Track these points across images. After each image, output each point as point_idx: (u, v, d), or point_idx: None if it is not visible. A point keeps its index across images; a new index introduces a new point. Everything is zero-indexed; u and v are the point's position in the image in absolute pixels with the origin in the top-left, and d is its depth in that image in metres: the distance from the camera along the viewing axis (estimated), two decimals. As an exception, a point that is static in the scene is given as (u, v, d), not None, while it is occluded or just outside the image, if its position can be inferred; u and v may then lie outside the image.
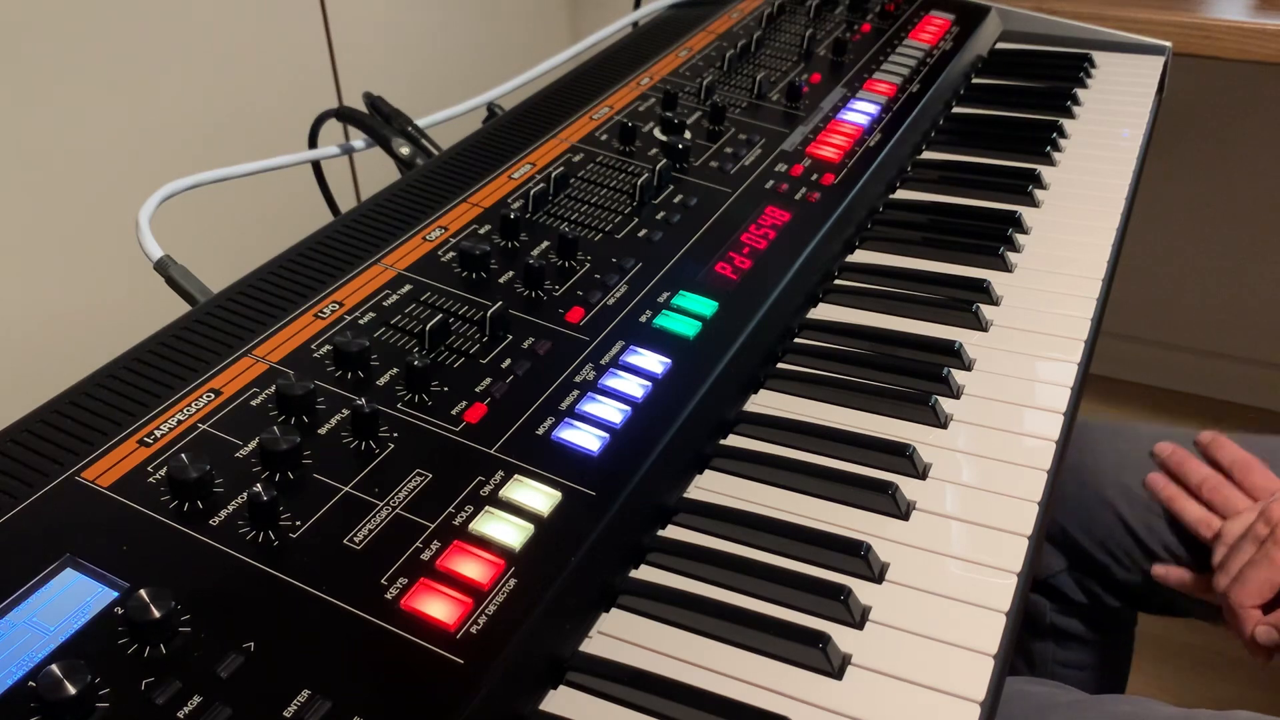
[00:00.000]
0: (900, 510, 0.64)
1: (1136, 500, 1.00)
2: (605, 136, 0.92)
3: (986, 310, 0.82)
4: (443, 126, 1.00)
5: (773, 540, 0.62)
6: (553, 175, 0.84)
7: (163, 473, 0.56)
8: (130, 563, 0.52)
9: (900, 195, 1.00)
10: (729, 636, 0.56)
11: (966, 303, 0.82)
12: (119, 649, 0.48)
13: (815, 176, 0.91)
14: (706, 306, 0.75)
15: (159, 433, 0.59)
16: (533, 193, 0.82)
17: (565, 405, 0.65)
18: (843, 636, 0.56)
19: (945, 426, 0.71)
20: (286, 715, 0.46)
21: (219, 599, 0.51)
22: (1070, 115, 1.13)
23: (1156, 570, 0.98)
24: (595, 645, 0.56)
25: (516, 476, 0.59)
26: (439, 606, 0.52)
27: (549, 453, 0.61)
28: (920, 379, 0.74)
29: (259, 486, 0.54)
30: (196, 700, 0.46)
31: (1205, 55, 1.35)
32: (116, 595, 0.50)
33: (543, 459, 0.61)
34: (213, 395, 0.62)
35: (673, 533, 0.64)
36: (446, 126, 1.00)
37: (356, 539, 0.55)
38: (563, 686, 0.54)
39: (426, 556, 0.54)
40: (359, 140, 0.97)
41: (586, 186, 0.85)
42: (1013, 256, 0.89)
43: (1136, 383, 2.14)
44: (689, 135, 0.94)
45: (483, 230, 0.79)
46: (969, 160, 1.05)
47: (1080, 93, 1.17)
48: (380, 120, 0.97)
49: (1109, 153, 1.07)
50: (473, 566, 0.54)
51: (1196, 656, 1.61)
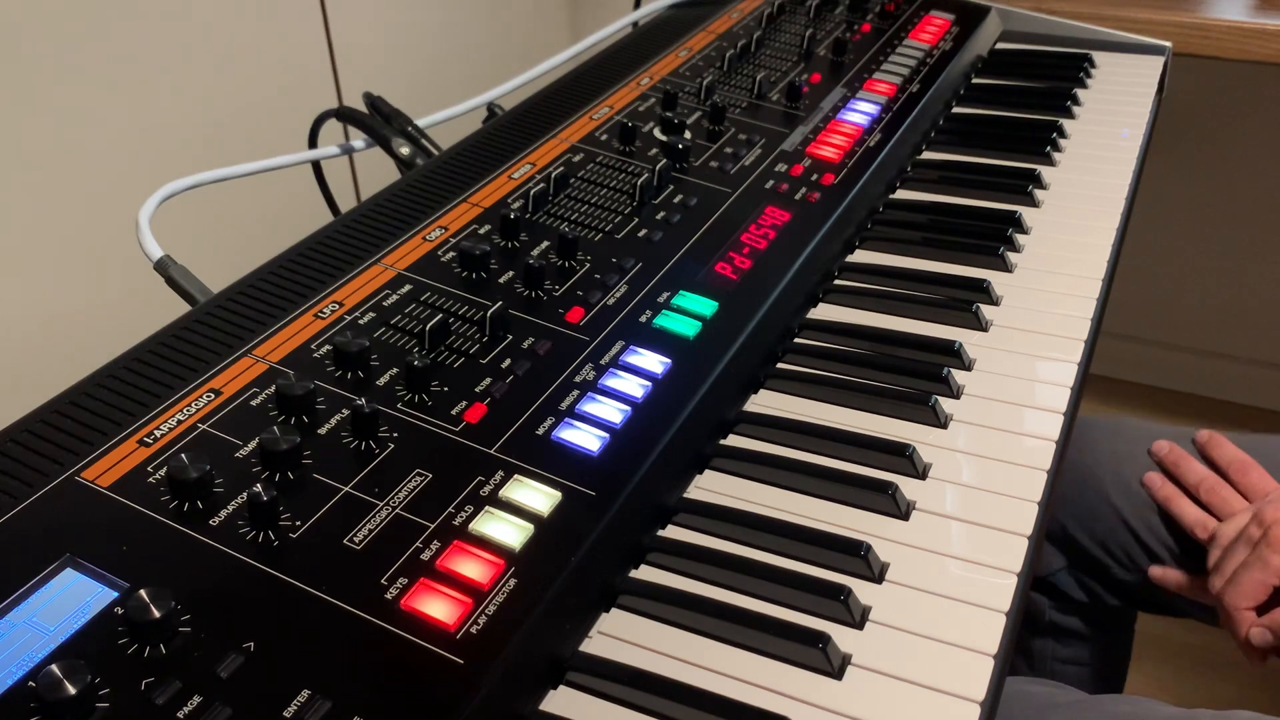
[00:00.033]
0: (900, 510, 0.64)
1: (1136, 498, 1.00)
2: (605, 136, 0.92)
3: (986, 310, 0.82)
4: (443, 126, 1.00)
5: (773, 540, 0.62)
6: (553, 175, 0.84)
7: (163, 473, 0.57)
8: (130, 563, 0.52)
9: (900, 195, 1.00)
10: (729, 636, 0.56)
11: (966, 303, 0.82)
12: (119, 649, 0.48)
13: (815, 176, 0.91)
14: (706, 306, 0.75)
15: (159, 433, 0.59)
16: (533, 193, 0.82)
17: (565, 405, 0.65)
18: (843, 636, 0.56)
19: (945, 426, 0.71)
20: (286, 715, 0.46)
21: (219, 599, 0.51)
22: (1070, 115, 1.13)
23: (1154, 572, 0.98)
24: (595, 645, 0.57)
25: (516, 476, 0.59)
26: (439, 606, 0.52)
27: (549, 453, 0.62)
28: (920, 379, 0.74)
29: (259, 486, 0.54)
30: (196, 700, 0.46)
31: (1205, 55, 1.35)
32: (116, 595, 0.51)
33: (543, 459, 0.61)
34: (213, 395, 0.62)
35: (673, 533, 0.64)
36: (446, 126, 1.00)
37: (356, 539, 0.55)
38: (563, 686, 0.54)
39: (426, 556, 0.54)
40: (359, 140, 0.97)
41: (586, 186, 0.85)
42: (1013, 256, 0.89)
43: (1136, 383, 2.14)
44: (689, 135, 0.94)
45: (483, 230, 0.79)
46: (969, 160, 1.05)
47: (1080, 93, 1.17)
48: (380, 120, 0.97)
49: (1109, 153, 1.07)
50: (473, 566, 0.54)
51: (1196, 656, 1.61)
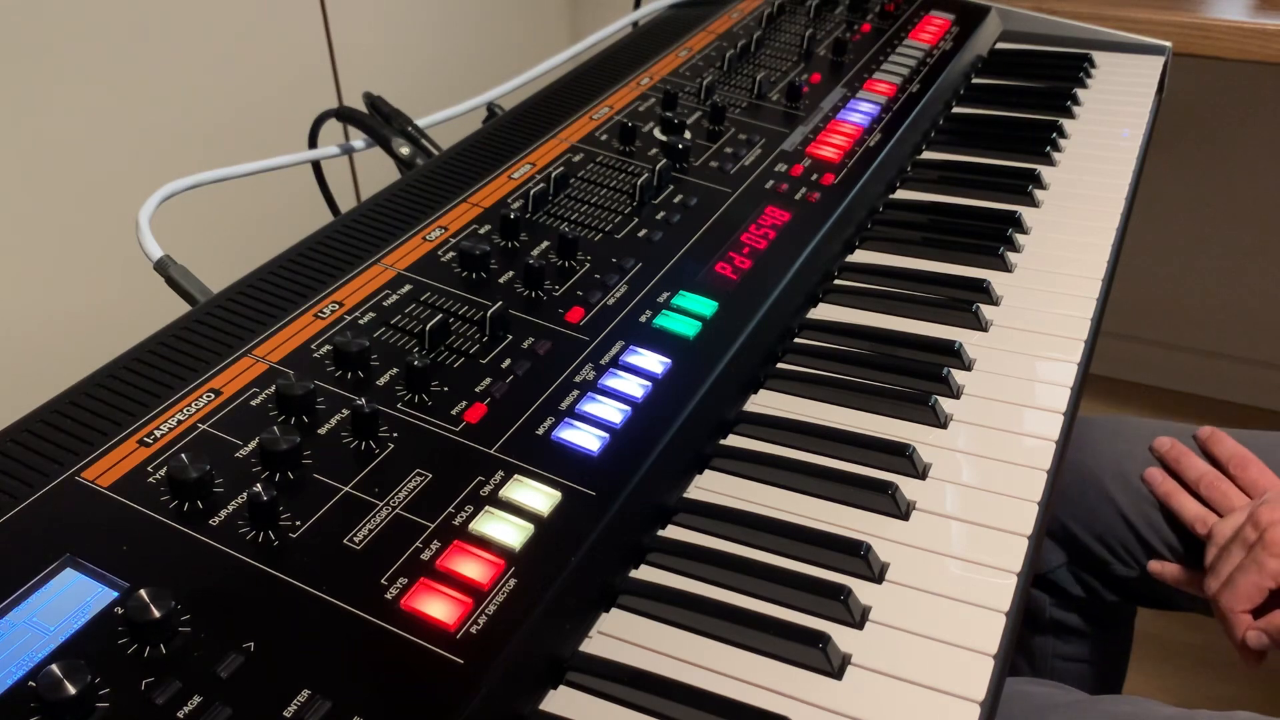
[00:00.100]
0: (900, 510, 0.64)
1: (1136, 494, 1.00)
2: (605, 136, 0.92)
3: (986, 310, 0.82)
4: (443, 126, 1.00)
5: (773, 540, 0.62)
6: (553, 175, 0.84)
7: (163, 473, 0.56)
8: (130, 563, 0.52)
9: (900, 195, 1.00)
10: (729, 636, 0.56)
11: (966, 303, 0.82)
12: (119, 649, 0.48)
13: (815, 176, 0.91)
14: (706, 306, 0.75)
15: (159, 433, 0.59)
16: (533, 193, 0.82)
17: (565, 405, 0.65)
18: (843, 636, 0.56)
19: (945, 426, 0.71)
20: (286, 715, 0.46)
21: (219, 599, 0.51)
22: (1070, 115, 1.13)
23: (1153, 566, 0.98)
24: (595, 645, 0.57)
25: (516, 476, 0.59)
26: (439, 606, 0.52)
27: (549, 453, 0.61)
28: (920, 379, 0.74)
29: (259, 486, 0.54)
30: (196, 700, 0.46)
31: (1205, 55, 1.35)
32: (116, 595, 0.51)
33: (543, 459, 0.61)
34: (213, 395, 0.62)
35: (673, 533, 0.64)
36: (446, 126, 1.00)
37: (356, 539, 0.55)
38: (563, 686, 0.54)
39: (426, 556, 0.54)
40: (359, 140, 0.97)
41: (586, 186, 0.85)
42: (1013, 256, 0.89)
43: (1136, 383, 2.14)
44: (689, 135, 0.94)
45: (483, 230, 0.79)
46: (969, 160, 1.05)
47: (1080, 93, 1.17)
48: (380, 120, 0.97)
49: (1109, 153, 1.07)
50: (473, 566, 0.54)
51: (1196, 656, 1.61)
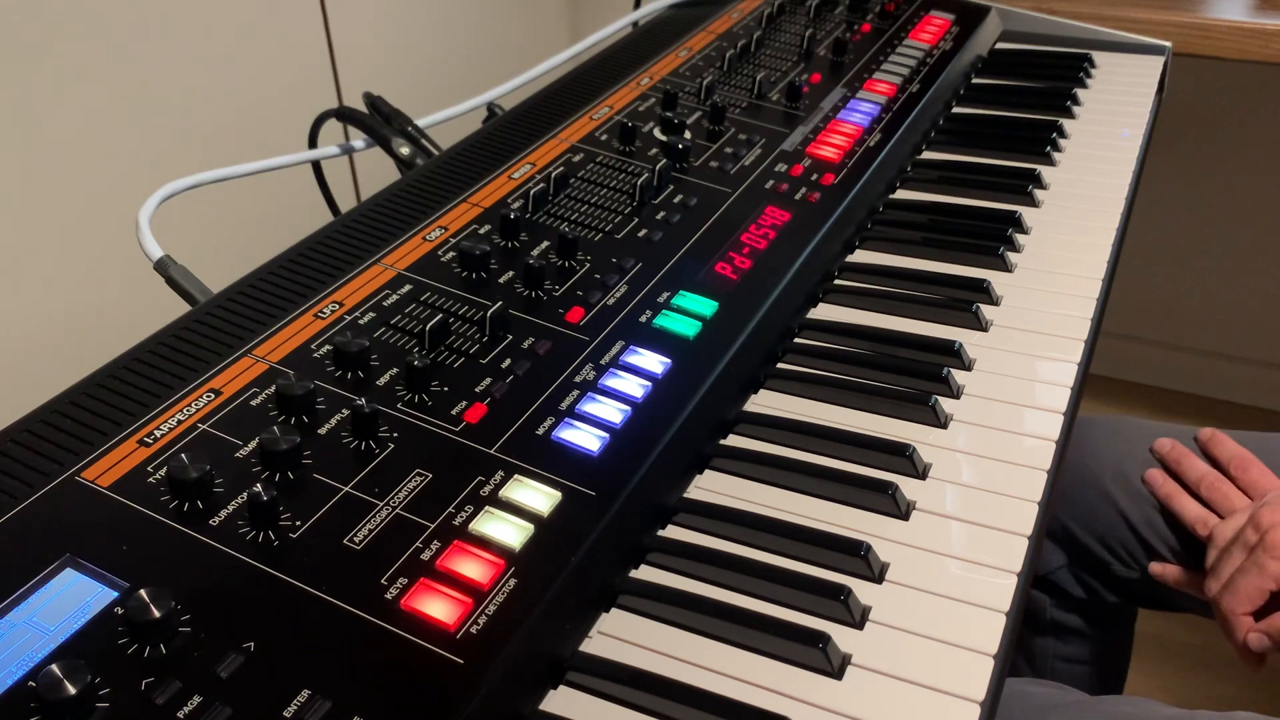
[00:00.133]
0: (900, 510, 0.64)
1: (1136, 495, 1.00)
2: (605, 136, 0.92)
3: (986, 310, 0.82)
4: (443, 126, 1.00)
5: (773, 540, 0.62)
6: (553, 175, 0.84)
7: (163, 473, 0.57)
8: (130, 563, 0.52)
9: (900, 195, 1.00)
10: (729, 636, 0.56)
11: (966, 303, 0.82)
12: (119, 649, 0.48)
13: (815, 176, 0.91)
14: (706, 306, 0.75)
15: (159, 433, 0.59)
16: (533, 193, 0.82)
17: (565, 405, 0.65)
18: (843, 636, 0.56)
19: (945, 426, 0.71)
20: (286, 715, 0.46)
21: (219, 599, 0.51)
22: (1070, 115, 1.13)
23: (1154, 568, 0.98)
24: (595, 645, 0.57)
25: (516, 476, 0.59)
26: (439, 606, 0.52)
27: (549, 453, 0.61)
28: (920, 379, 0.74)
29: (259, 486, 0.54)
30: (196, 700, 0.46)
31: (1205, 55, 1.35)
32: (116, 595, 0.51)
33: (543, 459, 0.61)
34: (213, 395, 0.62)
35: (673, 533, 0.64)
36: (446, 126, 1.00)
37: (356, 539, 0.55)
38: (563, 686, 0.54)
39: (426, 556, 0.54)
40: (359, 140, 0.97)
41: (586, 186, 0.85)
42: (1013, 256, 0.89)
43: (1136, 383, 2.14)
44: (689, 135, 0.94)
45: (483, 230, 0.79)
46: (969, 160, 1.05)
47: (1080, 93, 1.17)
48: (380, 120, 0.97)
49: (1109, 153, 1.07)
50: (473, 566, 0.54)
51: (1196, 656, 1.61)
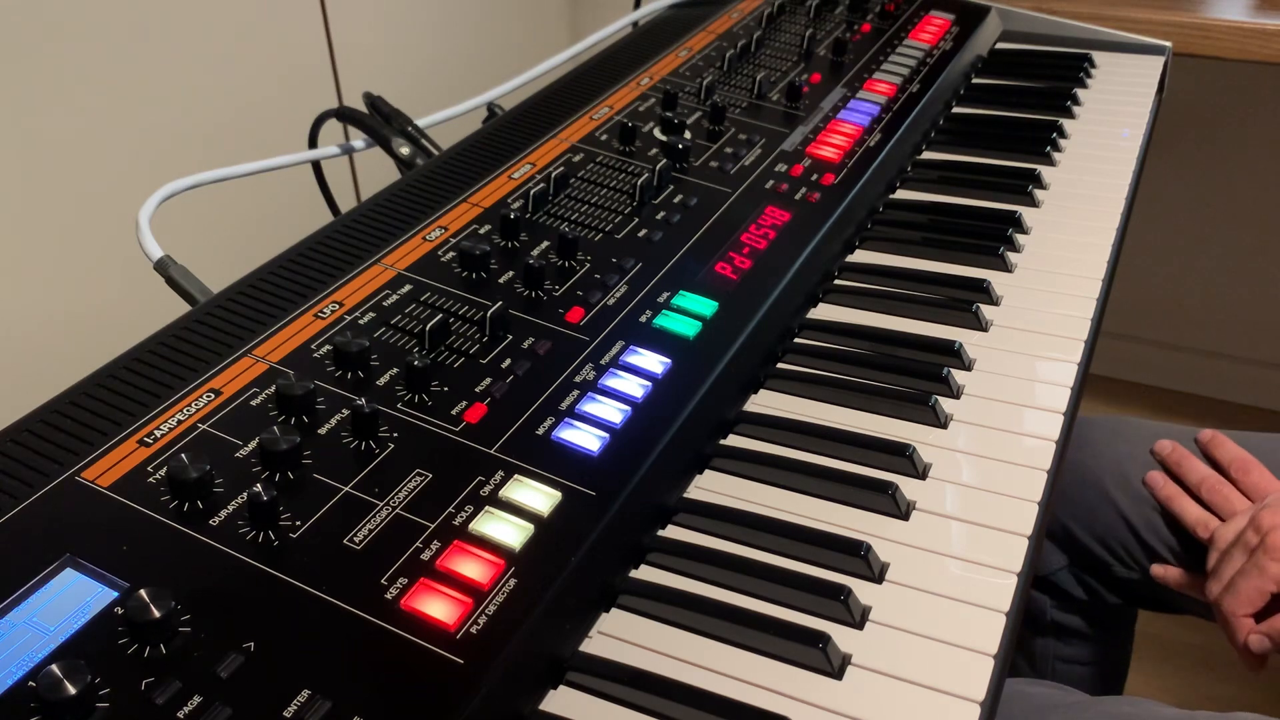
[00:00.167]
0: (900, 510, 0.64)
1: (1137, 496, 1.00)
2: (605, 136, 0.92)
3: (986, 310, 0.82)
4: (443, 126, 1.00)
5: (773, 540, 0.62)
6: (553, 175, 0.84)
7: (163, 473, 0.56)
8: (130, 563, 0.52)
9: (900, 195, 1.00)
10: (729, 636, 0.56)
11: (966, 303, 0.82)
12: (119, 649, 0.48)
13: (815, 176, 0.91)
14: (706, 306, 0.75)
15: (159, 433, 0.59)
16: (533, 193, 0.82)
17: (565, 405, 0.65)
18: (843, 636, 0.56)
19: (945, 426, 0.71)
20: (286, 715, 0.46)
21: (219, 599, 0.51)
22: (1070, 115, 1.13)
23: (1155, 570, 0.98)
24: (595, 645, 0.57)
25: (516, 476, 0.59)
26: (439, 606, 0.52)
27: (549, 453, 0.61)
28: (920, 379, 0.74)
29: (259, 486, 0.54)
30: (196, 700, 0.46)
31: (1205, 55, 1.35)
32: (116, 595, 0.51)
33: (543, 459, 0.61)
34: (213, 395, 0.62)
35: (673, 533, 0.64)
36: (446, 126, 1.00)
37: (356, 539, 0.55)
38: (563, 686, 0.54)
39: (426, 556, 0.54)
40: (359, 140, 0.97)
41: (586, 186, 0.85)
42: (1013, 256, 0.89)
43: (1136, 383, 2.14)
44: (689, 135, 0.94)
45: (483, 230, 0.79)
46: (969, 160, 1.05)
47: (1080, 93, 1.17)
48: (380, 120, 0.97)
49: (1109, 153, 1.07)
50: (473, 566, 0.54)
51: (1196, 656, 1.61)
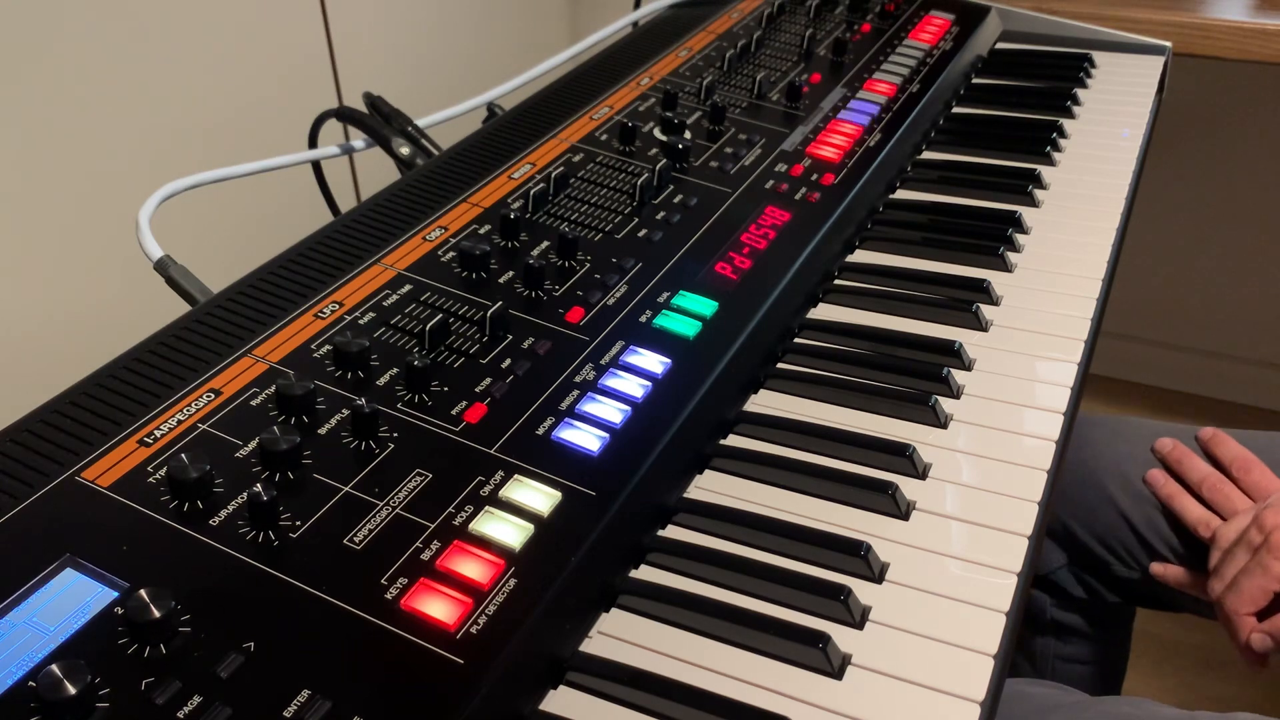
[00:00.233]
0: (900, 510, 0.64)
1: (1138, 495, 1.00)
2: (605, 136, 0.92)
3: (986, 310, 0.82)
4: (443, 126, 1.00)
5: (773, 540, 0.62)
6: (553, 175, 0.84)
7: (163, 473, 0.57)
8: (130, 563, 0.52)
9: (900, 195, 1.00)
10: (729, 636, 0.56)
11: (966, 303, 0.82)
12: (119, 649, 0.48)
13: (815, 176, 0.91)
14: (706, 306, 0.75)
15: (159, 433, 0.59)
16: (533, 193, 0.82)
17: (565, 405, 0.65)
18: (843, 636, 0.56)
19: (945, 426, 0.71)
20: (286, 715, 0.46)
21: (219, 599, 0.51)
22: (1070, 115, 1.13)
23: (1155, 568, 0.98)
24: (595, 645, 0.57)
25: (516, 476, 0.59)
26: (439, 606, 0.52)
27: (549, 453, 0.61)
28: (920, 379, 0.74)
29: (259, 486, 0.54)
30: (196, 700, 0.46)
31: (1205, 55, 1.35)
32: (116, 595, 0.51)
33: (543, 459, 0.61)
34: (213, 395, 0.62)
35: (673, 533, 0.64)
36: (446, 126, 1.00)
37: (356, 539, 0.55)
38: (563, 686, 0.54)
39: (426, 556, 0.54)
40: (359, 140, 0.97)
41: (586, 186, 0.85)
42: (1013, 256, 0.89)
43: (1136, 383, 2.14)
44: (689, 135, 0.94)
45: (483, 230, 0.79)
46: (969, 160, 1.05)
47: (1080, 93, 1.17)
48: (380, 120, 0.97)
49: (1109, 153, 1.07)
50: (473, 566, 0.54)
51: (1196, 656, 1.61)
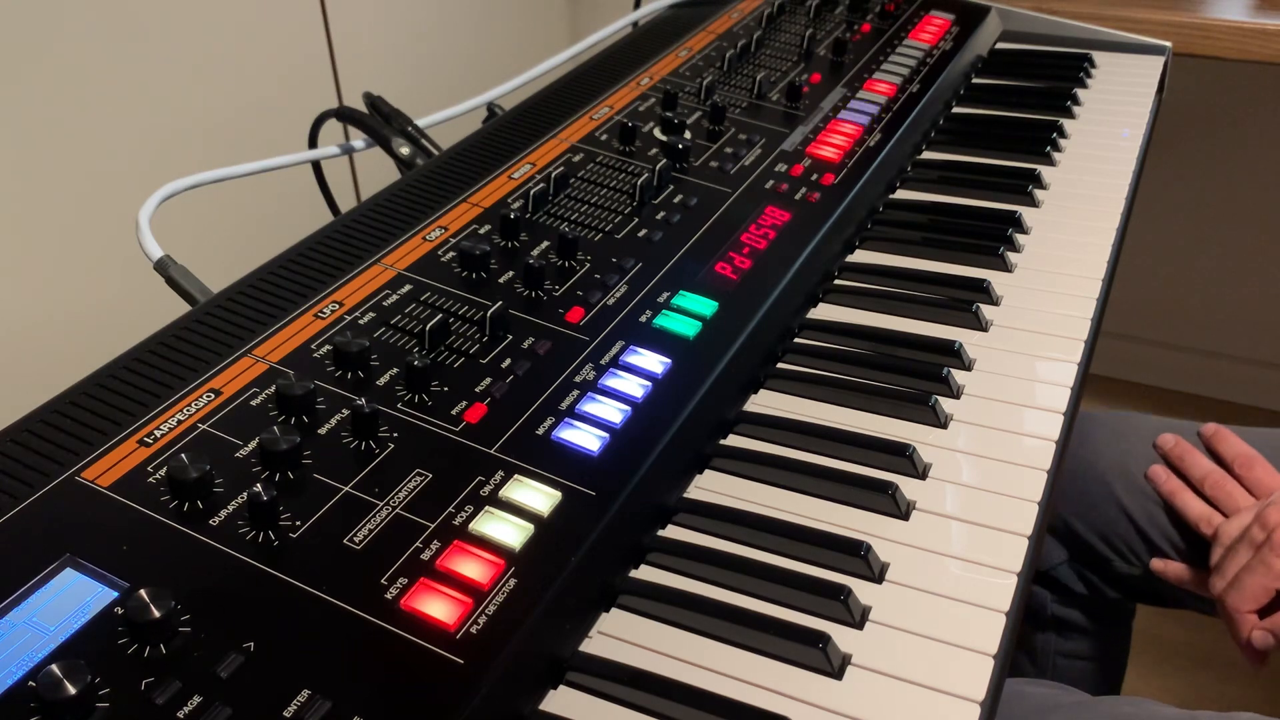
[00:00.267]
0: (900, 510, 0.64)
1: (1139, 491, 1.00)
2: (605, 136, 0.92)
3: (986, 310, 0.82)
4: (443, 126, 1.00)
5: (773, 540, 0.62)
6: (553, 175, 0.84)
7: (163, 473, 0.56)
8: (130, 563, 0.52)
9: (900, 195, 1.00)
10: (729, 636, 0.56)
11: (966, 303, 0.82)
12: (119, 649, 0.48)
13: (815, 176, 0.91)
14: (706, 306, 0.75)
15: (159, 433, 0.59)
16: (533, 193, 0.82)
17: (565, 405, 0.65)
18: (843, 636, 0.56)
19: (945, 426, 0.71)
20: (286, 715, 0.46)
21: (219, 599, 0.51)
22: (1070, 115, 1.13)
23: (1156, 565, 0.98)
24: (595, 645, 0.57)
25: (516, 476, 0.59)
26: (439, 606, 0.52)
27: (549, 453, 0.61)
28: (920, 379, 0.74)
29: (259, 486, 0.54)
30: (196, 700, 0.46)
31: (1205, 55, 1.35)
32: (116, 595, 0.50)
33: (543, 459, 0.61)
34: (213, 395, 0.62)
35: (673, 533, 0.64)
36: (446, 126, 1.00)
37: (356, 539, 0.55)
38: (563, 686, 0.54)
39: (426, 556, 0.54)
40: (359, 140, 0.97)
41: (586, 186, 0.85)
42: (1013, 256, 0.89)
43: (1136, 383, 2.14)
44: (689, 135, 0.94)
45: (483, 230, 0.79)
46: (969, 160, 1.05)
47: (1080, 93, 1.17)
48: (380, 120, 0.97)
49: (1109, 153, 1.07)
50: (473, 566, 0.54)
51: (1197, 656, 1.61)
